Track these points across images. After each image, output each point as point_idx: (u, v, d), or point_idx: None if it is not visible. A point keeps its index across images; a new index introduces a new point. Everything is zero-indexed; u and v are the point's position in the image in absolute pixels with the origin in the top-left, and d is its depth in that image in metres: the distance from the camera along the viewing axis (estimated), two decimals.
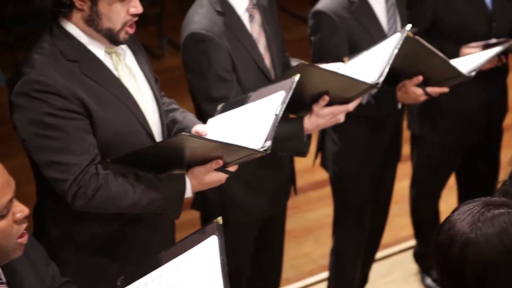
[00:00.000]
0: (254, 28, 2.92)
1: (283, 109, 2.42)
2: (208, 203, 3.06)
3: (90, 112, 2.35)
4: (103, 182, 2.34)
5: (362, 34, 3.14)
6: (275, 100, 2.47)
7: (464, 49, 3.34)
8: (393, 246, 4.24)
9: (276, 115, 2.40)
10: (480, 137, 3.67)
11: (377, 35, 3.15)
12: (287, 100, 2.44)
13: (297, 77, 2.50)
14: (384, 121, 3.35)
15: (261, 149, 2.32)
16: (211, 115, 2.71)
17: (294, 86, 2.48)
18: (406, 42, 2.80)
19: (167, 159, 2.37)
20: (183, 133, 2.23)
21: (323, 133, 3.44)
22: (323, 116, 2.75)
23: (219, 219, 2.03)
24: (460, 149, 3.72)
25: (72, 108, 2.31)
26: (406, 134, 3.88)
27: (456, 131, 3.64)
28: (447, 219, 1.79)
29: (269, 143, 2.32)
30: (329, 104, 2.74)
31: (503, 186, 2.28)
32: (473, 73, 3.01)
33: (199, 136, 2.36)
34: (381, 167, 3.47)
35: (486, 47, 3.29)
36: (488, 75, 3.45)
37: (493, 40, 3.32)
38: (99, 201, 2.36)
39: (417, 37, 2.85)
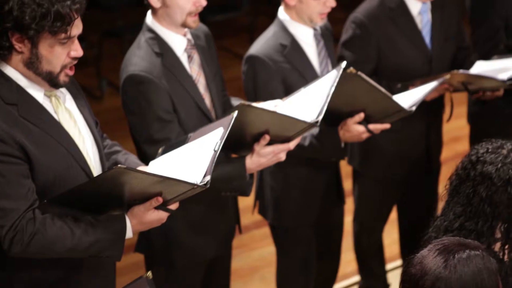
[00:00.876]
0: (193, 68, 2.93)
1: (221, 145, 2.42)
2: (152, 245, 3.03)
3: (29, 156, 2.31)
4: (40, 226, 2.30)
5: (295, 76, 3.18)
6: (214, 137, 2.48)
7: (411, 87, 3.41)
8: (339, 282, 4.24)
9: (215, 151, 2.40)
10: (419, 171, 3.73)
11: (310, 77, 3.19)
12: (225, 136, 2.45)
13: (235, 113, 2.52)
14: (324, 162, 3.37)
15: (200, 184, 2.31)
16: (153, 157, 2.69)
17: (232, 122, 2.49)
18: (348, 79, 2.84)
19: (105, 196, 2.34)
20: (119, 165, 2.21)
21: (260, 180, 3.44)
22: (265, 155, 2.76)
23: (149, 274, 2.01)
24: (401, 183, 3.77)
25: (11, 153, 2.28)
26: (348, 169, 3.92)
27: (396, 166, 3.68)
28: (419, 253, 1.94)
29: (208, 177, 2.32)
30: (270, 142, 2.76)
31: (435, 222, 2.33)
32: (414, 108, 3.06)
33: (136, 169, 2.33)
34: (324, 208, 3.47)
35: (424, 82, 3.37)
36: (426, 110, 3.53)
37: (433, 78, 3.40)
38: (37, 247, 2.30)
39: (359, 72, 2.89)
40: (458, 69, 3.42)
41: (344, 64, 2.87)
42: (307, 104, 2.80)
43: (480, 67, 3.46)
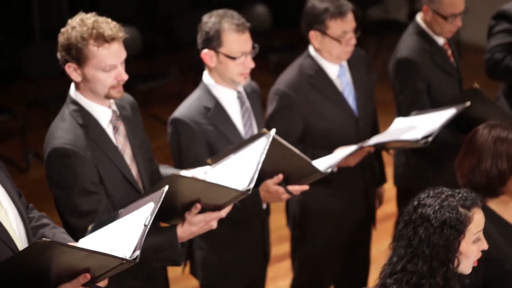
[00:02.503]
0: (119, 139, 2.90)
1: (152, 220, 2.40)
2: None
3: None
4: None
5: (219, 139, 3.20)
6: (144, 212, 2.46)
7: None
8: None
9: (145, 225, 2.39)
10: (359, 233, 3.76)
11: (235, 139, 3.21)
12: (156, 211, 2.43)
13: (166, 187, 2.50)
14: (250, 223, 3.37)
15: (130, 258, 2.28)
16: (82, 230, 2.63)
17: (162, 197, 2.48)
18: (271, 145, 2.86)
19: (31, 273, 2.25)
20: (43, 238, 2.14)
21: (190, 241, 3.40)
22: (196, 224, 2.73)
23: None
24: (340, 248, 3.77)
25: None
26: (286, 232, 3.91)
27: (336, 231, 3.70)
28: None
29: (137, 252, 2.30)
30: (202, 210, 2.73)
31: (383, 268, 2.38)
32: (329, 170, 3.10)
33: (62, 243, 2.27)
34: (252, 269, 3.46)
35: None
36: (361, 169, 3.59)
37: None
38: None
39: (278, 137, 2.92)
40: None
41: (273, 131, 2.89)
42: (238, 171, 2.80)
43: (399, 124, 3.54)
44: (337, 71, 3.60)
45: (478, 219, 2.45)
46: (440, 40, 3.88)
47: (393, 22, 8.44)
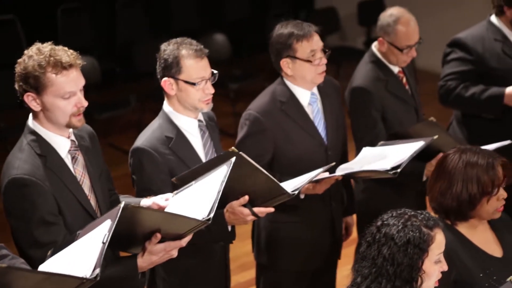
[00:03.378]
0: (78, 169, 2.88)
1: (109, 237, 2.39)
2: None
3: None
4: None
5: (182, 168, 3.18)
6: (102, 230, 2.45)
7: None
8: None
9: (103, 243, 2.38)
10: (324, 261, 3.77)
11: None
12: (113, 228, 2.42)
13: (122, 204, 2.50)
14: (212, 249, 3.36)
15: (90, 277, 2.26)
16: (40, 261, 2.60)
17: (119, 213, 2.46)
18: (230, 159, 2.86)
19: None
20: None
21: (152, 270, 3.38)
22: (156, 253, 2.71)
23: None
24: (306, 275, 3.78)
25: None
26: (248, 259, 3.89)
27: (302, 258, 3.71)
28: None
29: (97, 270, 2.29)
30: (162, 239, 2.72)
31: None
32: (296, 192, 3.11)
33: (20, 267, 2.25)
34: None
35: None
36: (329, 198, 3.63)
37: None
38: None
39: (243, 154, 2.92)
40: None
41: (234, 158, 2.88)
42: (198, 200, 2.79)
43: (366, 154, 3.57)
44: (308, 99, 3.63)
45: (439, 239, 2.49)
46: (395, 68, 3.95)
47: (351, 49, 8.55)
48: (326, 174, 3.35)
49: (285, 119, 3.58)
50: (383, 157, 3.40)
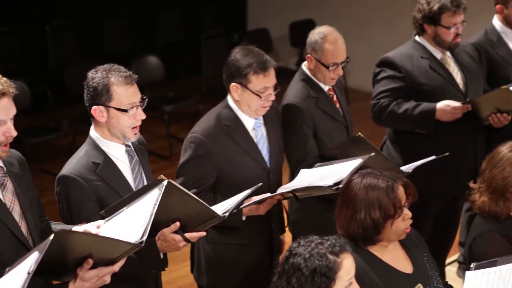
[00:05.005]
0: (7, 196, 2.82)
1: (35, 267, 2.35)
2: None
3: None
4: None
5: (110, 194, 3.14)
6: (29, 261, 2.41)
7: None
8: None
9: (28, 273, 2.35)
10: (265, 282, 3.76)
11: (125, 193, 3.15)
12: (40, 258, 2.38)
13: (51, 236, 2.45)
14: (145, 276, 3.32)
15: None
16: None
17: (47, 246, 2.42)
18: (167, 191, 2.84)
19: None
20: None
21: None
22: (89, 280, 2.66)
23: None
24: None
25: None
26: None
27: (242, 279, 3.71)
28: None
29: None
30: (94, 265, 2.67)
31: None
32: (227, 214, 3.10)
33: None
34: None
35: None
36: (268, 221, 3.66)
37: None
38: None
39: (174, 182, 2.90)
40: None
41: (166, 182, 2.87)
42: (131, 224, 2.76)
43: (305, 174, 3.60)
44: (253, 124, 3.66)
45: (348, 265, 2.48)
46: (325, 87, 4.00)
47: (284, 70, 8.63)
48: (268, 195, 3.36)
49: (230, 143, 3.59)
50: (322, 176, 3.43)
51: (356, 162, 3.38)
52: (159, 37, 8.76)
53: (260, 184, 3.37)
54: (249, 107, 3.59)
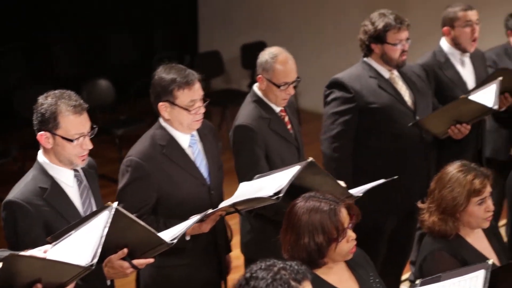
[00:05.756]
0: None
1: None
2: None
3: None
4: None
5: (58, 219, 3.10)
6: None
7: None
8: None
9: None
10: None
11: (74, 219, 3.10)
12: None
13: (0, 264, 2.38)
14: None
15: None
16: None
17: None
18: (114, 218, 2.80)
19: None
20: None
21: None
22: None
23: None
24: None
25: None
26: None
27: None
28: None
29: None
30: None
31: None
32: (175, 241, 3.08)
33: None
34: None
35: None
36: (215, 238, 3.64)
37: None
38: None
39: (121, 209, 2.87)
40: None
41: (115, 204, 2.84)
42: (80, 247, 2.72)
43: (245, 188, 3.58)
44: (188, 141, 3.64)
45: None
46: (277, 108, 4.02)
47: (236, 92, 8.65)
48: (210, 211, 3.34)
49: (167, 162, 3.56)
50: (262, 187, 3.42)
51: (294, 170, 3.37)
52: (110, 60, 8.71)
53: (210, 211, 3.34)
54: (181, 123, 3.57)
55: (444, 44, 4.78)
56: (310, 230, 2.85)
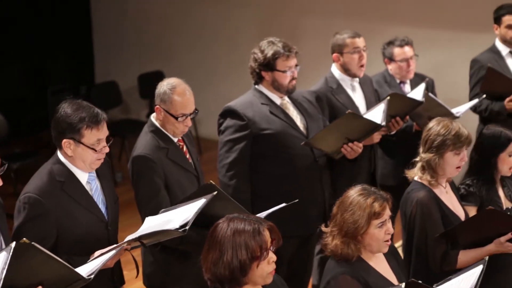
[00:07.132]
0: None
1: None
2: None
3: None
4: None
5: None
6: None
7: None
8: None
9: None
10: None
11: None
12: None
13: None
14: None
15: None
16: None
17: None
18: (22, 251, 2.74)
19: None
20: None
21: None
22: None
23: None
24: None
25: None
26: None
27: None
28: None
29: None
30: None
31: None
32: (92, 276, 3.05)
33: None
34: None
35: None
36: (112, 280, 3.60)
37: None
38: None
39: (35, 244, 2.81)
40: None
41: (23, 240, 2.78)
42: None
43: (150, 222, 3.57)
44: (87, 177, 3.60)
45: None
46: (175, 138, 4.03)
47: (134, 122, 8.60)
48: (114, 246, 3.31)
49: (66, 198, 3.50)
50: (168, 221, 3.43)
51: (200, 203, 3.39)
52: (2, 93, 8.50)
53: (125, 245, 3.32)
54: (83, 161, 3.53)
55: (335, 70, 4.92)
56: (234, 247, 2.88)
